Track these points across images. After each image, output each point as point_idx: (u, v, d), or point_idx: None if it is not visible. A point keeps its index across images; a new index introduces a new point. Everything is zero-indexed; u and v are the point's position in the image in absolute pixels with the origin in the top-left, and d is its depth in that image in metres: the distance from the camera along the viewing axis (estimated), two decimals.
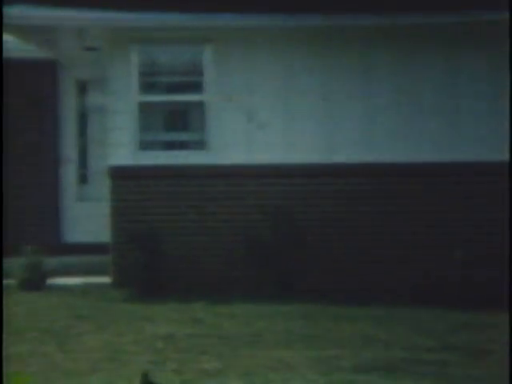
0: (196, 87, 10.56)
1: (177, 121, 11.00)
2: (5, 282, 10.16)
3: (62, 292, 9.86)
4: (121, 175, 10.38)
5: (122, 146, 10.41)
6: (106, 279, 10.26)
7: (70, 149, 12.17)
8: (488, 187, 10.25)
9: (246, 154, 10.46)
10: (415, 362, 6.72)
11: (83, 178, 12.28)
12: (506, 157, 9.81)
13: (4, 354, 6.00)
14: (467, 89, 10.43)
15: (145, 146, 10.52)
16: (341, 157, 10.44)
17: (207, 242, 10.33)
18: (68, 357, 6.91)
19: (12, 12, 9.52)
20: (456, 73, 10.46)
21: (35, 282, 9.98)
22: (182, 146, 10.73)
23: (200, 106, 10.54)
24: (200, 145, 10.59)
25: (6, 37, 10.85)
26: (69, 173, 12.12)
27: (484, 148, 10.35)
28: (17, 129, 11.92)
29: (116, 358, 6.90)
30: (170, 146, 10.74)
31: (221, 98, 10.43)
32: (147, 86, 10.54)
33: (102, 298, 9.49)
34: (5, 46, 11.35)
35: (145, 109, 10.50)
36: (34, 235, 11.47)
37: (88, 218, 11.81)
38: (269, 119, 10.46)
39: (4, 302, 9.09)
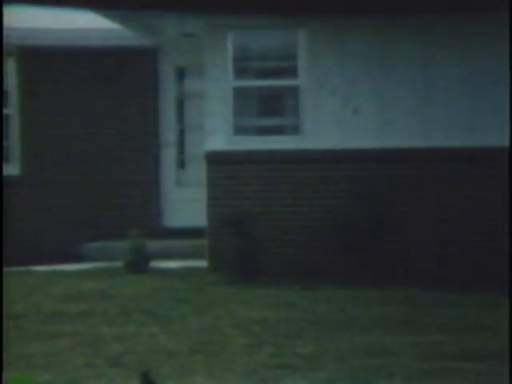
0: (290, 72, 10.61)
1: (270, 106, 11.08)
2: (113, 264, 10.55)
3: (162, 275, 10.07)
4: (216, 160, 10.52)
5: (217, 131, 10.54)
6: (203, 263, 10.43)
7: (168, 134, 12.36)
8: None
9: (339, 138, 10.48)
10: None
11: (181, 163, 12.45)
12: None
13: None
14: None
15: (239, 131, 10.63)
16: (436, 141, 10.36)
17: (300, 226, 10.39)
18: (170, 338, 7.10)
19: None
20: None
21: (139, 264, 10.23)
22: (275, 130, 10.81)
23: (293, 90, 10.59)
24: (294, 129, 10.65)
25: (112, 25, 11.07)
26: (168, 158, 12.31)
27: None
28: (120, 115, 12.16)
29: (215, 340, 7.06)
30: (264, 130, 10.83)
31: (314, 83, 10.46)
32: (242, 72, 10.64)
33: (200, 281, 9.65)
34: (109, 34, 11.61)
35: (239, 94, 10.60)
36: (137, 219, 11.73)
37: (186, 202, 11.99)
38: (363, 104, 10.45)
39: (112, 284, 9.44)
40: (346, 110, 10.47)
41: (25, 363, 6.37)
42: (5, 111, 12.09)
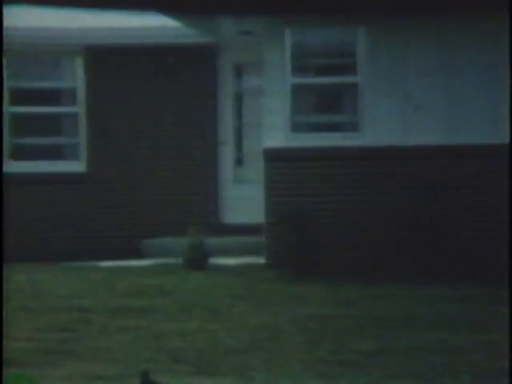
0: (348, 69, 10.58)
1: (329, 103, 11.06)
2: (172, 260, 10.66)
3: (221, 272, 10.17)
4: (274, 157, 10.53)
5: (275, 128, 10.55)
6: (261, 260, 10.47)
7: (227, 131, 12.41)
8: None
9: (398, 135, 10.41)
10: None
11: (239, 161, 12.49)
12: None
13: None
14: None
15: (297, 128, 10.63)
16: (499, 137, 10.22)
17: (359, 224, 10.36)
18: (230, 334, 7.13)
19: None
20: None
21: (198, 261, 10.32)
22: (333, 127, 10.79)
23: (352, 87, 10.55)
24: (352, 126, 10.62)
25: (173, 23, 11.15)
26: (226, 155, 12.36)
27: None
28: (180, 112, 12.24)
29: (273, 337, 7.06)
30: (322, 128, 10.82)
31: (374, 80, 10.41)
32: (300, 69, 10.64)
33: (258, 278, 9.69)
34: (170, 32, 11.71)
35: (297, 91, 10.60)
36: (195, 216, 11.81)
37: (243, 199, 12.03)
38: (425, 100, 10.36)
39: (172, 280, 9.54)
40: (407, 106, 10.40)
41: (92, 356, 6.48)
42: (73, 109, 12.27)
